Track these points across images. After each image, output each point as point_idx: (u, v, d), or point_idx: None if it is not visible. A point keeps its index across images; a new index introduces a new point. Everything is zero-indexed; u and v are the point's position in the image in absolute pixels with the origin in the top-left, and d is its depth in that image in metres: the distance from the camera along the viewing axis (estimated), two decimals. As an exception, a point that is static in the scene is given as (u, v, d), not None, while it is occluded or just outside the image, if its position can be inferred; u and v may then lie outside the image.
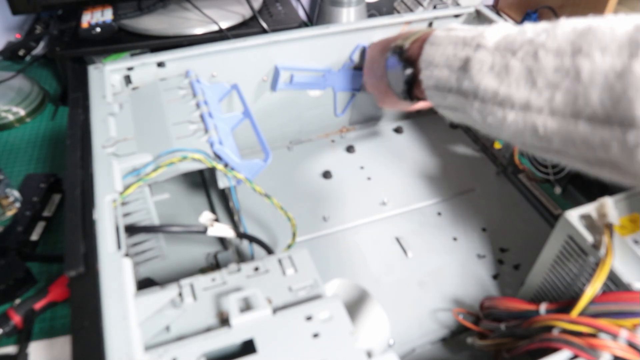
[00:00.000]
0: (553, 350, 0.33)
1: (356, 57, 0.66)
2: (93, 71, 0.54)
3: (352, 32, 0.64)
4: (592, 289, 0.36)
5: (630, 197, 0.42)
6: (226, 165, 0.48)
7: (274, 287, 0.35)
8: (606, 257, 0.36)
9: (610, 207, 0.39)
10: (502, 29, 0.39)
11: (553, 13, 0.90)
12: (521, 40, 0.36)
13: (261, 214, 0.60)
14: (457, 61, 0.40)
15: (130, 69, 0.56)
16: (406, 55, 0.48)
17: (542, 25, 0.36)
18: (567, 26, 0.34)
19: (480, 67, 0.37)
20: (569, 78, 0.31)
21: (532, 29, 0.36)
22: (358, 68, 0.67)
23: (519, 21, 0.97)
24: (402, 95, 0.50)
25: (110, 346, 0.29)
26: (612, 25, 0.31)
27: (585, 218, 0.40)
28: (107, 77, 0.53)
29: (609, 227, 0.38)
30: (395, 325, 0.44)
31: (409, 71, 0.48)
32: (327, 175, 0.67)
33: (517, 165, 0.64)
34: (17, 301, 0.51)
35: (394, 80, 0.51)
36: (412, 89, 0.49)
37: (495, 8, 1.08)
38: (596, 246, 0.38)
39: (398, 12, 1.02)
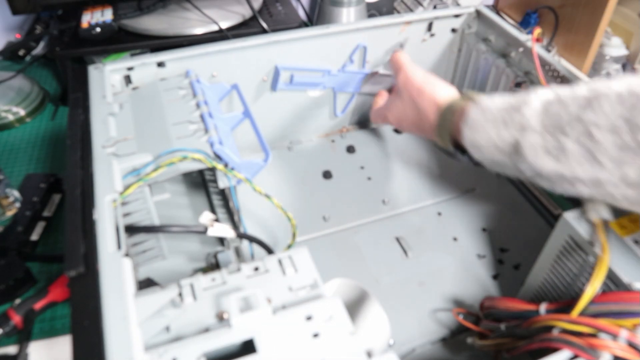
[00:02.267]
0: (553, 350, 0.33)
1: (356, 58, 0.66)
2: (93, 71, 0.54)
3: (352, 32, 0.64)
4: (592, 288, 0.36)
5: (630, 197, 0.42)
6: (226, 165, 0.48)
7: (274, 287, 0.35)
8: (603, 254, 0.36)
9: (602, 203, 0.39)
10: (539, 100, 0.38)
11: (553, 13, 0.90)
12: (567, 116, 0.35)
13: (261, 214, 0.60)
14: (505, 145, 0.39)
15: (130, 69, 0.56)
16: (453, 144, 0.47)
17: (581, 92, 0.35)
18: (614, 100, 0.33)
19: (535, 153, 0.37)
20: (636, 155, 0.32)
21: (573, 99, 0.35)
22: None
23: (519, 21, 0.97)
24: (471, 165, 0.48)
25: (110, 346, 0.29)
26: None
27: (585, 218, 0.40)
28: (107, 77, 0.53)
29: (603, 223, 0.38)
30: (395, 325, 0.44)
31: (464, 159, 0.47)
32: (327, 175, 0.66)
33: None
34: (17, 301, 0.51)
35: (443, 140, 0.49)
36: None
37: (495, 8, 1.08)
38: (592, 243, 0.38)
39: (398, 12, 1.02)
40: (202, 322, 0.33)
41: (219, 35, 0.81)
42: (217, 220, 0.47)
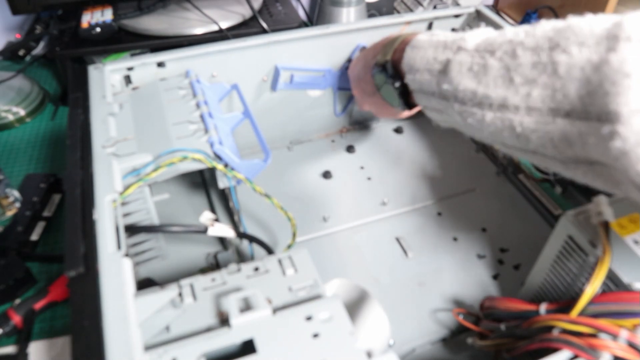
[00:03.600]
0: (553, 350, 0.33)
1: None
2: (93, 71, 0.54)
3: (352, 32, 0.64)
4: (592, 288, 0.36)
5: (630, 197, 0.42)
6: (226, 165, 0.48)
7: (274, 287, 0.35)
8: (604, 255, 0.36)
9: (604, 204, 0.39)
10: (484, 32, 0.39)
11: (553, 13, 0.90)
12: (501, 40, 0.36)
13: (261, 214, 0.60)
14: (437, 64, 0.40)
15: (130, 69, 0.56)
16: (391, 66, 0.48)
17: (524, 26, 0.36)
18: (547, 25, 0.34)
19: (459, 69, 0.38)
20: (546, 73, 0.31)
21: (513, 30, 0.36)
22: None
23: (519, 21, 0.97)
24: (400, 107, 0.50)
25: (110, 346, 0.29)
26: (591, 22, 0.31)
27: (584, 218, 0.40)
28: (107, 77, 0.53)
29: (605, 224, 0.38)
30: (395, 325, 0.44)
31: (398, 84, 0.47)
32: (327, 175, 0.67)
33: (514, 161, 0.64)
34: (17, 301, 0.51)
35: (387, 95, 0.51)
36: (408, 98, 0.48)
37: (495, 8, 1.08)
38: (594, 245, 0.38)
39: (398, 12, 1.02)
40: (202, 322, 0.33)
41: (219, 35, 0.81)
42: (217, 220, 0.47)
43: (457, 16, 0.68)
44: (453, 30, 0.69)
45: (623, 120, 0.27)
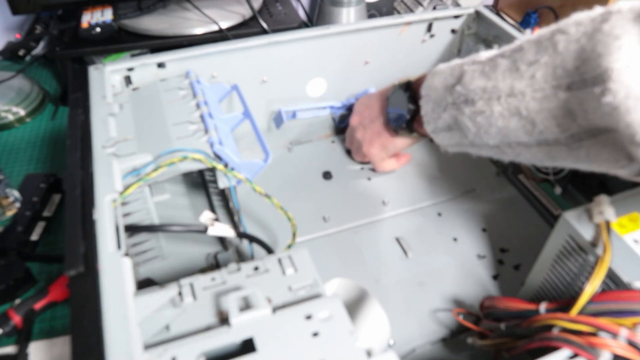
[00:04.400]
0: (553, 349, 0.33)
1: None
2: (93, 71, 0.54)
3: (352, 32, 0.64)
4: (592, 287, 0.36)
5: (629, 197, 0.42)
6: (226, 165, 0.48)
7: (273, 287, 0.35)
8: (604, 255, 0.36)
9: (606, 204, 0.39)
10: (499, 49, 0.41)
11: (553, 13, 0.90)
12: (513, 46, 0.38)
13: (261, 214, 0.60)
14: (452, 79, 0.43)
15: (130, 69, 0.56)
16: (411, 88, 0.52)
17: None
18: (554, 26, 0.36)
19: (472, 75, 0.40)
20: (547, 54, 0.34)
21: (526, 39, 0.38)
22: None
23: (519, 21, 0.97)
24: (403, 126, 0.54)
25: (110, 346, 0.29)
26: (589, 12, 0.33)
27: (584, 217, 0.40)
28: (107, 77, 0.54)
29: (606, 224, 0.38)
30: (395, 325, 0.44)
31: (412, 106, 0.51)
32: (327, 175, 0.67)
33: (517, 164, 0.64)
34: (17, 301, 0.51)
35: (394, 114, 0.56)
36: (412, 122, 0.53)
37: (495, 8, 1.08)
38: (594, 244, 0.38)
39: (398, 12, 1.02)
40: (201, 322, 0.33)
41: (219, 36, 0.81)
42: (217, 219, 0.47)
43: (457, 17, 0.68)
44: (453, 31, 0.69)
45: (614, 77, 0.29)
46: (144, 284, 0.47)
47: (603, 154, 0.33)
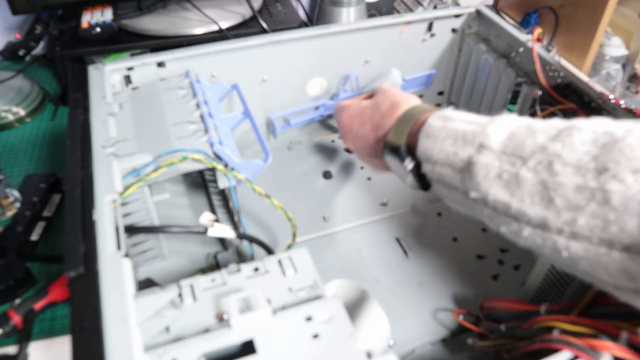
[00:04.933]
0: (553, 351, 0.33)
1: (349, 86, 0.68)
2: (93, 71, 0.54)
3: (352, 32, 0.64)
4: (592, 289, 0.36)
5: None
6: (226, 165, 0.48)
7: (273, 288, 0.35)
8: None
9: None
10: (507, 125, 0.34)
11: (553, 13, 0.90)
12: (532, 145, 0.32)
13: (261, 214, 0.60)
14: (458, 161, 0.35)
15: (130, 69, 0.56)
16: (406, 149, 0.42)
17: (555, 123, 0.32)
18: (587, 135, 0.30)
19: (486, 174, 0.33)
20: (595, 201, 0.28)
21: (544, 130, 0.32)
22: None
23: (519, 21, 0.97)
24: (416, 188, 0.43)
25: (110, 347, 0.29)
26: None
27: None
28: (107, 77, 0.53)
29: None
30: (395, 326, 0.44)
31: (410, 166, 0.41)
32: (327, 175, 0.66)
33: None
34: (17, 301, 0.51)
35: (399, 174, 0.44)
36: (422, 176, 0.41)
37: (495, 8, 1.08)
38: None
39: (398, 12, 1.02)
40: (201, 323, 0.33)
41: (219, 35, 0.81)
42: (217, 220, 0.47)
43: (457, 16, 0.68)
44: (453, 31, 0.69)
45: None
46: (144, 285, 0.46)
47: None
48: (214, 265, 0.53)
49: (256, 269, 0.36)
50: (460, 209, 0.38)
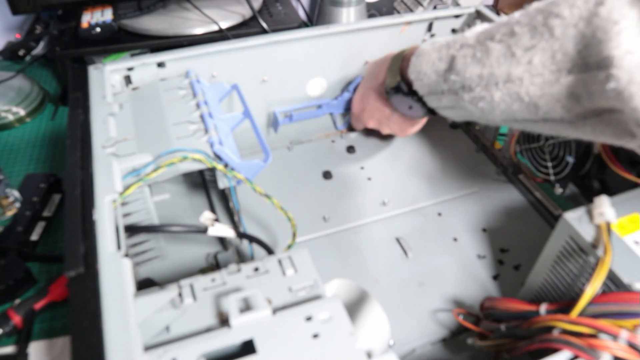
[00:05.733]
0: (553, 350, 0.33)
1: (353, 87, 0.68)
2: (93, 71, 0.54)
3: (352, 32, 0.64)
4: (592, 289, 0.36)
5: (630, 198, 0.42)
6: (226, 165, 0.48)
7: (273, 288, 0.35)
8: (605, 256, 0.36)
9: (606, 205, 0.39)
10: (482, 26, 0.41)
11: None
12: (498, 25, 0.38)
13: (261, 214, 0.60)
14: (442, 64, 0.43)
15: (130, 69, 0.56)
16: (405, 84, 0.51)
17: (518, 10, 0.38)
18: (538, 3, 0.36)
19: (464, 61, 0.40)
20: (543, 39, 0.34)
21: (507, 16, 0.39)
22: None
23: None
24: (424, 115, 0.53)
25: (110, 346, 0.29)
26: None
27: (585, 218, 0.40)
28: (107, 77, 0.53)
29: (607, 225, 0.38)
30: (395, 326, 0.44)
31: (416, 98, 0.50)
32: (327, 175, 0.66)
33: (514, 161, 0.64)
34: (17, 301, 0.51)
35: (405, 110, 0.55)
36: (427, 106, 0.51)
37: (495, 8, 1.08)
38: (595, 245, 0.38)
39: (398, 12, 1.02)
40: (201, 323, 0.33)
41: (219, 35, 0.81)
42: (217, 220, 0.47)
43: (457, 16, 0.68)
44: (453, 31, 0.69)
45: (616, 63, 0.29)
46: (144, 284, 0.47)
47: (607, 131, 0.34)
48: (214, 265, 0.53)
49: (256, 269, 0.36)
50: (452, 114, 0.46)
